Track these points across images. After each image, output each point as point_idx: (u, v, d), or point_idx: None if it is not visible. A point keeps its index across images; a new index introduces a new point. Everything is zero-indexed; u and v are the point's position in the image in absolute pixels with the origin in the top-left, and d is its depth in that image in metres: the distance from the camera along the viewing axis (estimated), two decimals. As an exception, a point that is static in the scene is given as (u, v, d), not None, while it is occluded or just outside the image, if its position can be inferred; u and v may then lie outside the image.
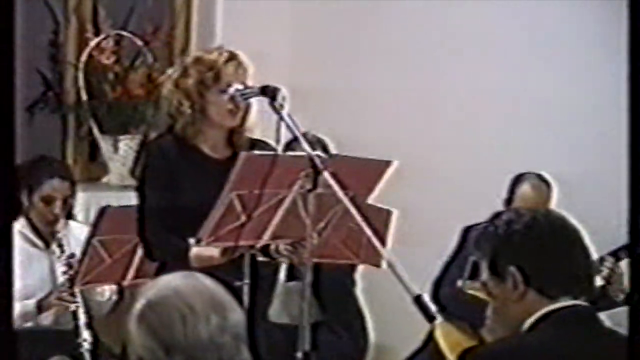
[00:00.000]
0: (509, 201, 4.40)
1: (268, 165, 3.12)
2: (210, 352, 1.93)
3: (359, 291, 4.54)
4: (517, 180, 4.42)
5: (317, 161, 3.08)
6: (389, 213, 3.78)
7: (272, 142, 3.37)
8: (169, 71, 3.50)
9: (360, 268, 4.34)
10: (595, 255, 2.53)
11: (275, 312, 3.82)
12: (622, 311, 3.92)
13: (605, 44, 4.57)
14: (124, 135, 5.21)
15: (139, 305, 1.98)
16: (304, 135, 3.28)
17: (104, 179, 5.26)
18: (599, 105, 4.66)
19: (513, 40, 4.85)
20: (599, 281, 4.08)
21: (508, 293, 2.24)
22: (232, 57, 3.37)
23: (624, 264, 4.19)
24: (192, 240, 3.24)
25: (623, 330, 2.09)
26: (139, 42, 5.22)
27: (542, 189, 4.39)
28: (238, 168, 3.13)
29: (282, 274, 4.08)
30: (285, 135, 3.25)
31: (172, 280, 1.99)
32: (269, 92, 3.24)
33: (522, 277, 2.22)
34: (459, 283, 4.21)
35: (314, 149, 3.25)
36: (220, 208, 3.14)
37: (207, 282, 2.00)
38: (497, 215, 2.32)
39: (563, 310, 2.21)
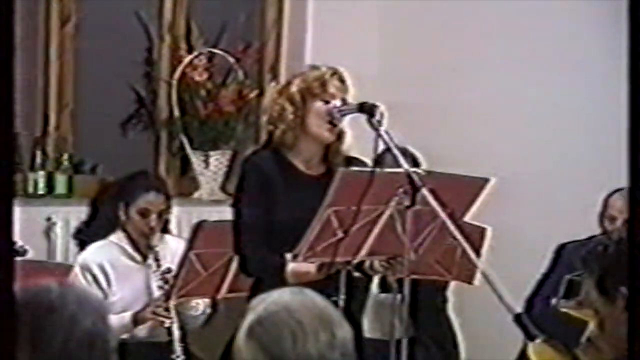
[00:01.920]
0: (602, 217, 4.34)
1: (365, 182, 3.13)
2: (319, 368, 1.94)
3: (450, 307, 4.52)
4: (611, 195, 4.37)
5: (416, 178, 3.09)
6: (483, 230, 3.77)
7: (367, 160, 3.40)
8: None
9: (452, 284, 4.33)
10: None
11: (368, 327, 3.81)
12: None
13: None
14: (215, 150, 5.28)
15: (248, 320, 1.99)
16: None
17: (195, 194, 5.33)
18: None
19: (606, 55, 4.79)
20: None
21: (617, 313, 2.20)
22: (337, 73, 3.42)
23: None
24: (288, 256, 3.26)
25: None
26: (231, 59, 5.29)
27: None
28: (335, 184, 3.14)
29: (374, 286, 4.09)
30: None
31: (281, 295, 2.01)
32: (366, 109, 3.26)
33: (632, 297, 2.18)
34: (553, 301, 4.16)
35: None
36: (318, 224, 3.15)
37: (316, 298, 2.01)
38: (608, 234, 2.29)
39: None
